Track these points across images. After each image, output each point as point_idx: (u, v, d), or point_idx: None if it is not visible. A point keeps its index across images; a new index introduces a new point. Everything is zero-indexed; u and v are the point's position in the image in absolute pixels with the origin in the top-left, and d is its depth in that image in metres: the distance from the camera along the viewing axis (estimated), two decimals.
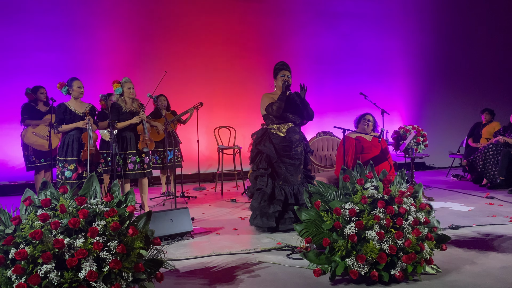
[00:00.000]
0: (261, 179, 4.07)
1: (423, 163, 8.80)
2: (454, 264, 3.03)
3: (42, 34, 6.73)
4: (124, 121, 4.50)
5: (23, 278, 2.09)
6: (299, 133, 4.21)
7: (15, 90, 6.41)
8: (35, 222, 2.25)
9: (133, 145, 4.54)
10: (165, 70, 5.53)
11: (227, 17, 7.66)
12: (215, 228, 4.25)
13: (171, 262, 2.87)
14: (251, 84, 7.63)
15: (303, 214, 2.94)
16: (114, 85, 4.53)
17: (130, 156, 4.50)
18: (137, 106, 4.64)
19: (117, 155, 4.26)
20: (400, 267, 2.68)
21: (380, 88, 8.49)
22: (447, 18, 8.99)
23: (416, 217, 2.79)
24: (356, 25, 8.43)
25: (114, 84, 4.54)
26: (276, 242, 3.67)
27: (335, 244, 2.71)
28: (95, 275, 2.12)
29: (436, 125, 8.68)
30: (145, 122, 4.58)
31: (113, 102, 4.58)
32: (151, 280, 2.42)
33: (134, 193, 2.65)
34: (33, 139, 5.35)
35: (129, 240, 2.33)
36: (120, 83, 4.56)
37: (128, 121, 4.50)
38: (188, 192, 6.33)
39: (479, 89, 9.17)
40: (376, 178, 3.01)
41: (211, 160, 7.54)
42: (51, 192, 2.50)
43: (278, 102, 4.03)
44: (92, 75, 6.73)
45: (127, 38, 7.18)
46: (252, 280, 2.83)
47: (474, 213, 4.68)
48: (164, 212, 3.83)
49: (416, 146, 5.66)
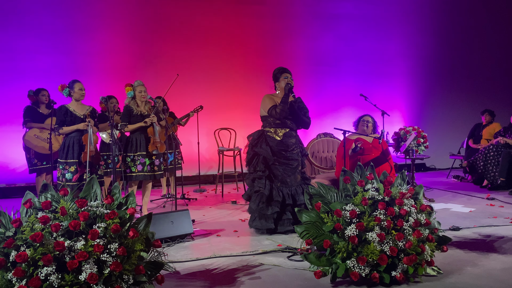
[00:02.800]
0: (258, 181, 4.07)
1: (423, 164, 8.79)
2: (455, 266, 3.03)
3: (44, 37, 6.73)
4: (135, 123, 4.52)
5: (23, 280, 2.09)
6: (295, 137, 4.23)
7: (15, 93, 6.41)
8: (35, 225, 2.25)
9: (143, 147, 4.53)
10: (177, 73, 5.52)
11: (227, 19, 7.66)
12: (215, 230, 4.24)
13: (172, 264, 2.87)
14: (251, 85, 7.63)
15: (303, 216, 2.94)
16: (126, 89, 4.58)
17: (139, 158, 4.49)
18: (148, 109, 4.66)
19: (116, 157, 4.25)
20: (401, 268, 2.67)
21: (380, 90, 8.49)
22: (446, 19, 8.99)
23: (417, 218, 2.79)
24: (356, 27, 8.43)
25: (126, 87, 4.58)
26: (277, 244, 3.67)
27: (336, 245, 2.71)
28: (95, 277, 2.12)
29: (437, 126, 8.67)
30: (155, 125, 4.60)
31: (125, 105, 4.64)
32: (151, 283, 2.42)
33: (135, 195, 2.65)
34: (35, 142, 5.35)
35: (130, 242, 2.33)
36: (132, 86, 4.59)
37: (138, 124, 4.52)
38: (188, 194, 6.32)
39: (479, 90, 9.16)
40: (377, 179, 3.01)
41: (212, 162, 7.54)
42: (51, 194, 2.50)
43: (281, 105, 4.03)
44: (94, 77, 6.73)
45: (127, 40, 7.19)
46: (253, 282, 2.83)
47: (475, 215, 4.68)
48: (165, 214, 3.83)
49: (416, 148, 5.65)
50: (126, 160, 4.48)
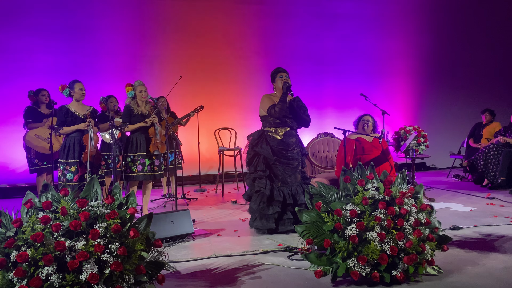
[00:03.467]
0: (259, 181, 4.07)
1: (424, 163, 8.79)
2: (456, 265, 3.03)
3: (44, 37, 6.74)
4: (136, 123, 4.52)
5: (24, 280, 2.09)
6: (296, 136, 4.22)
7: (16, 93, 6.42)
8: (36, 225, 2.25)
9: (143, 147, 4.52)
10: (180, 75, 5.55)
11: (227, 19, 7.67)
12: (216, 230, 4.25)
13: (172, 264, 2.87)
14: (251, 85, 7.63)
15: (304, 216, 2.94)
16: (127, 89, 4.56)
17: (139, 158, 4.49)
18: (149, 109, 4.64)
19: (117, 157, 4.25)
20: (402, 268, 2.68)
21: (381, 89, 8.49)
22: (446, 18, 8.99)
23: (417, 218, 2.79)
24: (356, 26, 8.43)
25: (127, 87, 4.56)
26: (277, 244, 3.67)
27: (336, 245, 2.71)
28: (96, 277, 2.12)
29: (437, 126, 8.66)
30: (156, 125, 4.59)
31: (125, 105, 4.62)
32: (152, 282, 2.42)
33: (135, 195, 2.65)
34: (35, 142, 5.36)
35: (130, 242, 2.33)
36: (133, 86, 4.58)
37: (138, 124, 4.51)
38: (189, 194, 6.33)
39: (480, 89, 9.16)
40: (377, 179, 3.01)
41: (212, 161, 7.54)
42: (52, 194, 2.50)
43: (280, 104, 4.03)
44: (94, 77, 6.73)
45: (128, 40, 7.19)
46: (253, 282, 2.83)
47: (475, 214, 4.68)
48: (165, 214, 3.83)
49: (416, 147, 5.65)
50: (126, 160, 4.49)
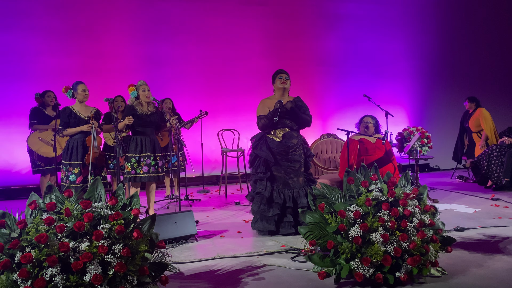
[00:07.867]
0: (260, 183, 4.09)
1: (427, 164, 8.75)
2: (460, 267, 3.02)
3: (49, 39, 6.76)
4: (139, 124, 4.47)
5: (28, 281, 2.10)
6: (297, 137, 4.18)
7: (21, 95, 6.45)
8: (40, 226, 2.26)
9: (149, 147, 4.50)
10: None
11: (230, 20, 7.67)
12: (219, 231, 4.25)
13: (176, 265, 2.87)
14: (254, 86, 7.63)
15: (307, 217, 2.94)
16: (130, 89, 4.51)
17: (145, 159, 4.47)
18: (152, 109, 4.62)
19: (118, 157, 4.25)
20: (405, 269, 2.67)
21: (384, 90, 8.47)
22: (450, 19, 8.97)
23: (421, 219, 2.78)
24: (359, 27, 8.42)
25: (129, 88, 4.53)
26: (280, 245, 3.67)
27: (339, 246, 2.71)
28: (100, 278, 2.13)
29: (440, 127, 8.64)
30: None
31: (128, 105, 4.56)
32: (156, 283, 2.43)
33: (139, 196, 2.66)
34: (38, 146, 5.35)
35: (134, 243, 2.34)
36: (135, 86, 4.56)
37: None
38: (192, 195, 6.33)
39: (483, 90, 9.10)
40: (381, 180, 3.01)
41: (215, 163, 7.54)
42: (56, 196, 2.51)
43: (264, 119, 4.06)
44: (99, 78, 6.74)
45: (131, 42, 7.20)
46: (257, 283, 2.83)
47: (479, 215, 4.66)
48: (169, 215, 3.84)
49: (420, 148, 5.63)
50: (130, 161, 4.46)
